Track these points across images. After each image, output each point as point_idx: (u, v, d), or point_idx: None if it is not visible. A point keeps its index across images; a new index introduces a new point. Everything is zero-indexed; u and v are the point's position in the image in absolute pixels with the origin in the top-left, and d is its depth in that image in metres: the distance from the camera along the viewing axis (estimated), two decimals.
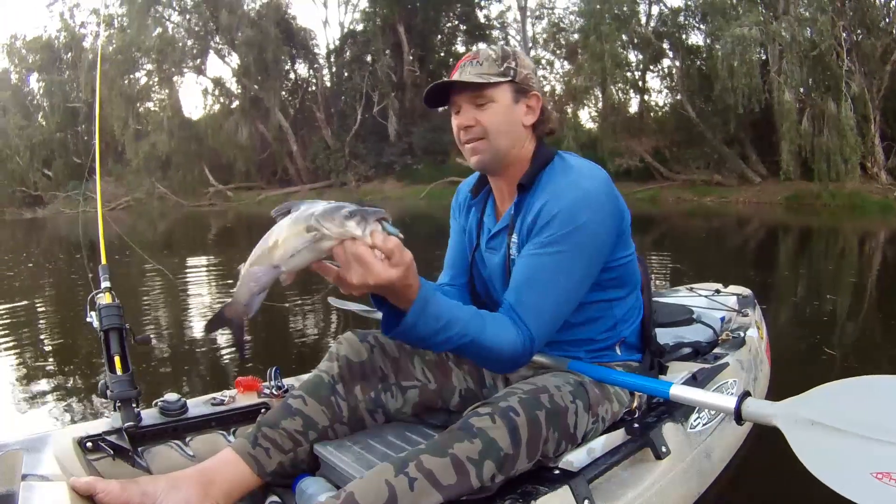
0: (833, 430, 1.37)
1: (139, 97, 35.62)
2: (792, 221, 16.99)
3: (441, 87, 1.79)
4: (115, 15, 34.97)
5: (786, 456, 1.43)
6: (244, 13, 33.91)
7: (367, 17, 34.67)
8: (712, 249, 11.24)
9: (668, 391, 1.72)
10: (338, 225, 1.29)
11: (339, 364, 1.86)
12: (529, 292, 1.66)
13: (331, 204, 1.33)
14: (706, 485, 1.99)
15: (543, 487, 1.56)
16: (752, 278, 7.70)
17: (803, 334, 5.08)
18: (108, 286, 2.14)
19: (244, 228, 19.73)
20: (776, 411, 1.50)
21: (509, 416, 1.51)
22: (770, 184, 22.98)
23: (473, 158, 1.82)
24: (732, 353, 2.52)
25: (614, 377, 1.83)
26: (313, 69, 37.58)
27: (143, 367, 4.46)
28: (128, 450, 1.84)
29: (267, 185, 35.69)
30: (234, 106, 36.43)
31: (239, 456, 1.70)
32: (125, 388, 1.89)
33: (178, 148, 33.29)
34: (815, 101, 20.48)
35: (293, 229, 1.31)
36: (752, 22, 20.79)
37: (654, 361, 2.04)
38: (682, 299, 3.35)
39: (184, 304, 7.40)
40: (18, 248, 14.98)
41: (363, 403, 1.86)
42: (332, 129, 34.81)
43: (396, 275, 1.34)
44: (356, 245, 1.30)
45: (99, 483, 1.47)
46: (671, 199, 24.43)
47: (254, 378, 2.24)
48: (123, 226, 20.08)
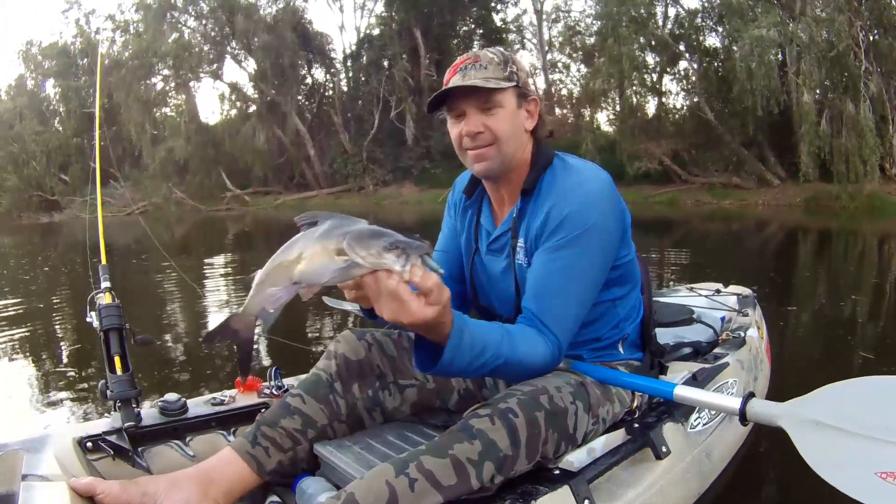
0: (838, 430, 1.38)
1: (156, 102, 35.98)
2: (811, 224, 16.84)
3: (442, 92, 1.74)
4: (131, 21, 35.43)
5: (785, 456, 1.42)
6: (260, 18, 34.18)
7: (384, 22, 34.78)
8: (732, 252, 11.14)
9: (672, 392, 1.72)
10: (374, 256, 1.19)
11: (338, 362, 1.86)
12: (551, 299, 1.65)
13: (368, 228, 1.22)
14: (706, 485, 1.98)
15: (543, 487, 1.55)
16: (773, 279, 7.69)
17: (824, 335, 5.04)
18: (109, 286, 2.15)
19: (261, 233, 19.83)
20: (781, 412, 1.51)
21: (508, 418, 1.50)
22: (789, 186, 22.85)
23: (479, 165, 1.78)
24: (733, 353, 2.51)
25: (618, 378, 1.82)
26: (330, 74, 37.82)
27: (146, 367, 4.49)
28: (128, 450, 1.84)
29: (284, 189, 35.93)
30: (251, 111, 36.71)
31: (238, 455, 1.70)
32: (125, 388, 1.90)
33: (195, 153, 33.68)
34: (833, 102, 20.34)
35: (321, 248, 1.22)
36: (769, 23, 20.65)
37: (655, 361, 2.03)
38: (682, 299, 3.35)
39: (192, 305, 7.43)
40: (35, 252, 15.12)
41: (361, 402, 1.86)
42: (350, 133, 34.95)
43: (433, 314, 1.28)
44: (392, 280, 1.22)
45: (99, 484, 1.48)
46: (690, 203, 24.28)
47: (254, 378, 2.24)
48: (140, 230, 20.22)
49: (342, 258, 1.20)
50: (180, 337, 5.84)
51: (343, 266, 1.20)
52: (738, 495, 2.29)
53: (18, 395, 4.11)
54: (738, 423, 2.02)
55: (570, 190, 1.70)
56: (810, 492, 2.33)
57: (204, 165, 34.16)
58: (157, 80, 36.12)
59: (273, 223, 23.45)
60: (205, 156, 34.15)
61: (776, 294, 6.63)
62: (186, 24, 35.31)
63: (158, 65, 34.87)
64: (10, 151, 35.83)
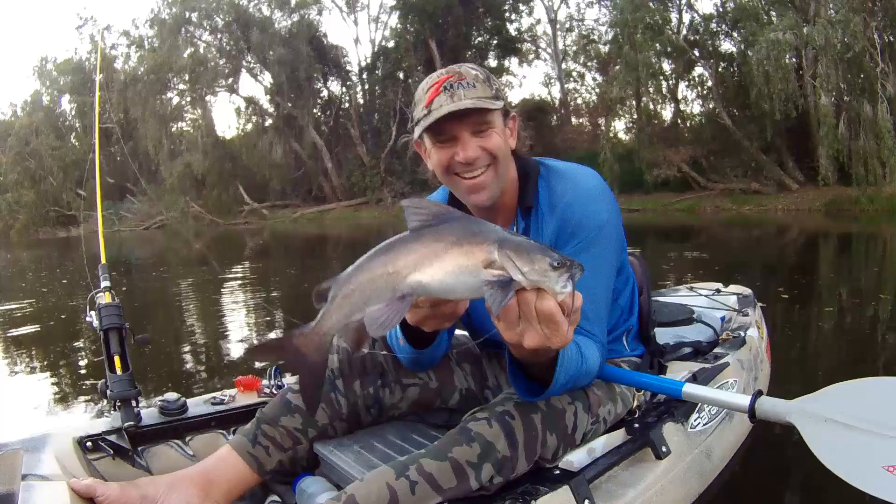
0: (845, 426, 1.41)
1: (172, 117, 36.30)
2: (831, 228, 16.73)
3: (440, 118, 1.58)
4: (145, 36, 35.78)
5: (785, 455, 1.42)
6: (276, 31, 34.52)
7: (399, 34, 34.92)
8: (754, 258, 11.07)
9: (681, 390, 1.72)
10: (538, 273, 1.01)
11: (340, 357, 1.82)
12: (585, 302, 1.62)
13: (527, 240, 1.04)
14: (706, 484, 1.96)
15: (544, 487, 1.54)
16: (797, 281, 7.64)
17: (848, 338, 4.99)
18: (108, 286, 2.15)
19: (280, 246, 19.90)
20: (790, 409, 1.52)
21: (505, 420, 1.50)
22: (808, 190, 22.77)
23: (478, 196, 1.66)
24: (733, 352, 2.49)
25: (625, 376, 1.81)
26: (346, 86, 37.99)
27: (146, 367, 4.52)
28: (128, 449, 1.84)
29: (302, 202, 36.13)
30: (268, 124, 36.97)
31: (238, 455, 1.69)
32: (125, 387, 1.90)
33: (212, 167, 33.93)
34: (850, 104, 20.17)
35: (463, 255, 1.01)
36: (785, 26, 20.57)
37: (654, 361, 2.02)
38: (682, 299, 3.33)
39: (209, 312, 7.50)
40: (53, 266, 15.26)
41: (362, 399, 1.83)
42: (367, 145, 35.05)
43: (572, 337, 1.18)
44: (549, 301, 1.08)
45: (99, 486, 1.47)
46: (709, 209, 24.24)
47: (254, 377, 2.24)
48: (158, 244, 20.38)
49: (492, 271, 1.00)
50: (194, 341, 5.89)
51: (493, 280, 1.00)
52: (739, 495, 2.29)
53: (19, 395, 4.13)
54: (738, 423, 2.02)
55: (573, 193, 1.68)
56: (810, 491, 2.35)
57: (221, 179, 34.44)
58: (172, 95, 36.62)
59: (291, 236, 23.57)
60: (222, 170, 34.44)
61: (799, 298, 6.60)
62: (201, 39, 35.72)
63: (174, 80, 35.27)
64: (27, 167, 36.28)
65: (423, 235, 1.03)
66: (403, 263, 1.02)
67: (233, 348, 5.32)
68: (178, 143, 36.28)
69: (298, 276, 10.80)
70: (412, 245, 1.03)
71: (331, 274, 1.08)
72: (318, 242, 20.28)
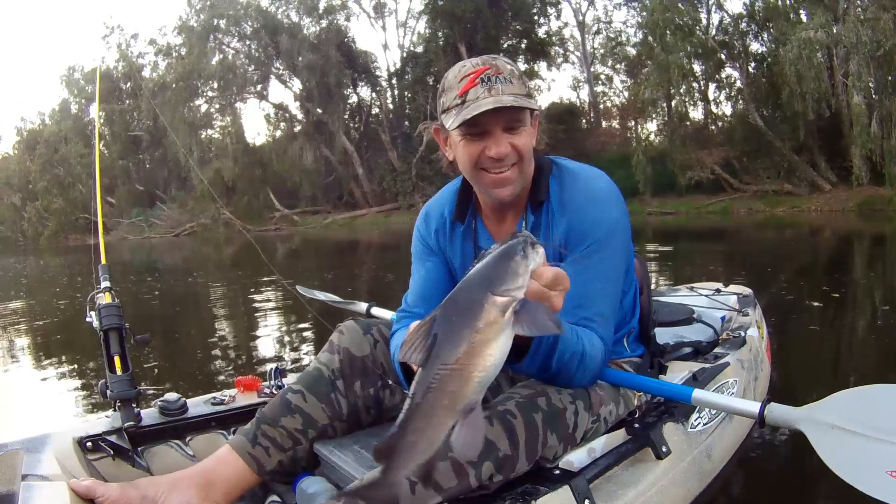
0: (852, 433, 1.45)
1: (202, 124, 36.70)
2: (865, 228, 16.49)
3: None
4: (173, 45, 36.33)
5: (785, 456, 1.41)
6: (304, 37, 34.77)
7: (428, 39, 34.99)
8: (785, 260, 10.93)
9: (690, 396, 1.71)
10: (523, 275, 1.03)
11: (341, 357, 1.82)
12: (594, 304, 1.63)
13: (492, 265, 1.02)
14: (706, 484, 1.95)
15: (544, 487, 1.53)
16: (836, 280, 7.61)
17: (881, 341, 4.90)
18: (108, 286, 2.16)
19: (311, 251, 20.00)
20: (799, 416, 1.54)
21: (506, 419, 1.49)
22: (840, 190, 22.50)
23: (502, 190, 1.66)
24: (733, 352, 2.49)
25: (633, 381, 1.80)
26: (376, 92, 38.19)
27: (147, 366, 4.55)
28: (128, 450, 1.84)
29: (333, 208, 36.36)
30: (298, 130, 37.25)
31: (238, 455, 1.69)
32: (125, 387, 1.91)
33: (242, 173, 34.30)
34: (881, 102, 19.90)
35: (482, 334, 0.98)
36: (816, 24, 20.33)
37: (654, 361, 2.01)
38: (682, 299, 3.34)
39: (240, 316, 7.55)
40: (85, 273, 15.50)
41: (362, 400, 1.83)
42: (398, 151, 35.16)
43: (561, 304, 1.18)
44: (547, 273, 1.12)
45: (99, 487, 1.48)
46: (742, 211, 24.03)
47: (254, 377, 2.24)
48: (188, 251, 20.56)
49: (506, 316, 0.99)
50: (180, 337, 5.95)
51: (513, 318, 1.00)
52: (738, 495, 2.28)
53: (18, 395, 4.18)
54: (738, 423, 2.01)
55: (583, 196, 1.68)
56: (809, 491, 2.32)
57: (251, 186, 34.81)
58: (201, 102, 37.09)
59: (322, 242, 23.67)
60: (252, 176, 34.82)
61: (832, 300, 6.50)
62: (230, 46, 36.13)
63: (203, 87, 35.71)
64: (56, 174, 36.94)
65: (441, 352, 1.00)
66: (452, 388, 0.99)
67: (233, 349, 5.37)
68: (207, 150, 36.70)
69: (333, 279, 10.80)
70: (442, 370, 1.00)
71: (365, 276, 1.04)
72: (349, 248, 20.35)
